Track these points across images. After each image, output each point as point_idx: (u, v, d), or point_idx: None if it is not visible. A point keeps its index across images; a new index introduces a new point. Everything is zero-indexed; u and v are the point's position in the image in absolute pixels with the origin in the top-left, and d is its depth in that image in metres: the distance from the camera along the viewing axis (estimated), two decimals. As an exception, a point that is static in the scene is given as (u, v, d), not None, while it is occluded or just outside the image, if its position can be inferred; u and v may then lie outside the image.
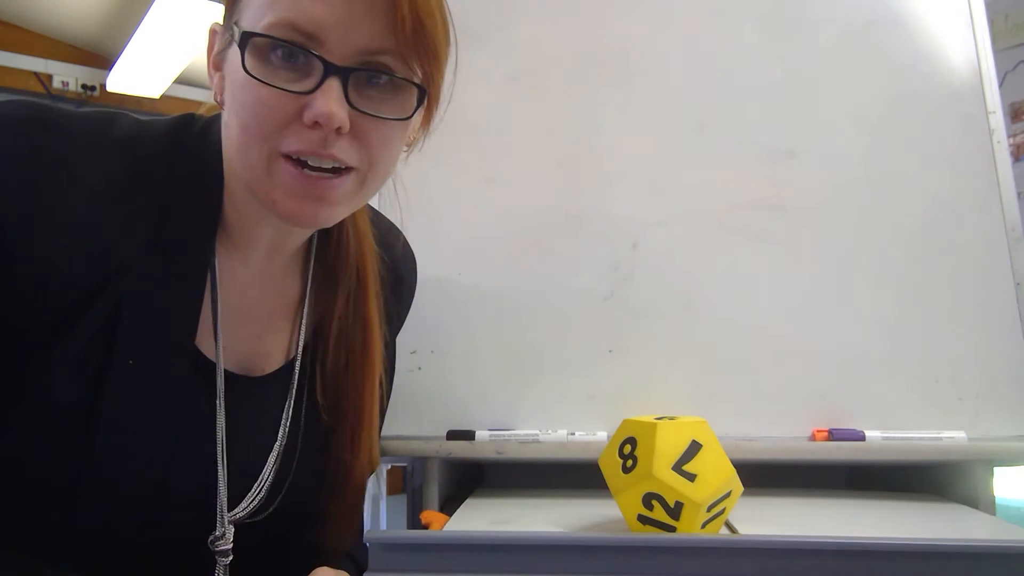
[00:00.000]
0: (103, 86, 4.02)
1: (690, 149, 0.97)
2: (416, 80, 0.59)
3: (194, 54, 3.53)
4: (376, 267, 0.75)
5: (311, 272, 0.73)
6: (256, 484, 0.68)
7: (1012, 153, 1.42)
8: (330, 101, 0.54)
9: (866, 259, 0.93)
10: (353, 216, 0.73)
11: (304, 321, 0.72)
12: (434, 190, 0.98)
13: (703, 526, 0.63)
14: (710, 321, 0.92)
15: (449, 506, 0.87)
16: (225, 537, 0.65)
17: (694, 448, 0.62)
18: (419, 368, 0.92)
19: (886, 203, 0.94)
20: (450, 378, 0.92)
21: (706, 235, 0.94)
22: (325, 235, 0.73)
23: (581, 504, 0.83)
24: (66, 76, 4.01)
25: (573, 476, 0.97)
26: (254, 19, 0.56)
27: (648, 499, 0.62)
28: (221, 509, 0.65)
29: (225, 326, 0.66)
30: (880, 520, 0.79)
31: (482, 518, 0.78)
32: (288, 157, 0.57)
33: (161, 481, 0.62)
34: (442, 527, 0.73)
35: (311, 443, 0.71)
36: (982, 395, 0.88)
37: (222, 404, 0.65)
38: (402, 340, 0.88)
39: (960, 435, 0.86)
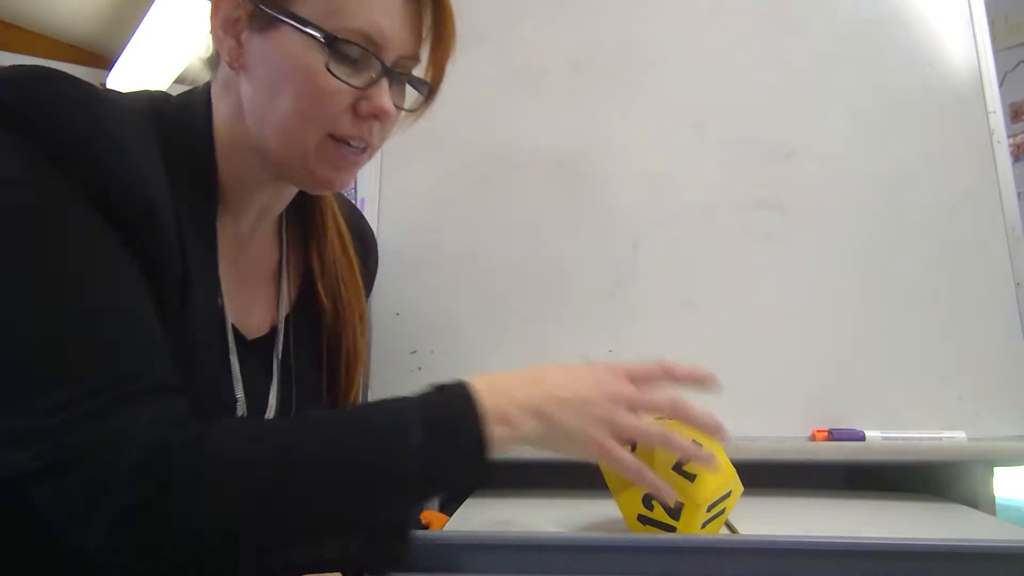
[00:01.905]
0: (103, 86, 4.01)
1: (690, 149, 0.97)
2: (428, 80, 0.68)
3: (194, 54, 3.53)
4: (344, 226, 0.80)
5: (284, 239, 0.77)
6: None
7: (1012, 153, 1.42)
8: (383, 98, 0.63)
9: (866, 259, 0.93)
10: None
11: (287, 283, 0.75)
12: (434, 191, 0.98)
13: (703, 526, 0.63)
14: (710, 321, 0.92)
15: (449, 506, 0.87)
16: None
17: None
18: (419, 368, 0.92)
19: (886, 203, 0.94)
20: (450, 378, 0.92)
21: (706, 235, 0.94)
22: (296, 204, 0.76)
23: (581, 504, 0.82)
24: (66, 76, 4.00)
25: (573, 476, 0.97)
26: (320, 15, 0.60)
27: (648, 499, 0.62)
28: None
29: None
30: (880, 520, 0.79)
31: (482, 518, 0.78)
32: (332, 137, 0.64)
33: None
34: (442, 527, 0.74)
35: (305, 398, 0.74)
36: (982, 395, 0.88)
37: (235, 360, 0.67)
38: (402, 340, 0.88)
39: (960, 435, 0.86)
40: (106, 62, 3.93)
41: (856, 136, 0.96)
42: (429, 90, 0.68)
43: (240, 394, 0.66)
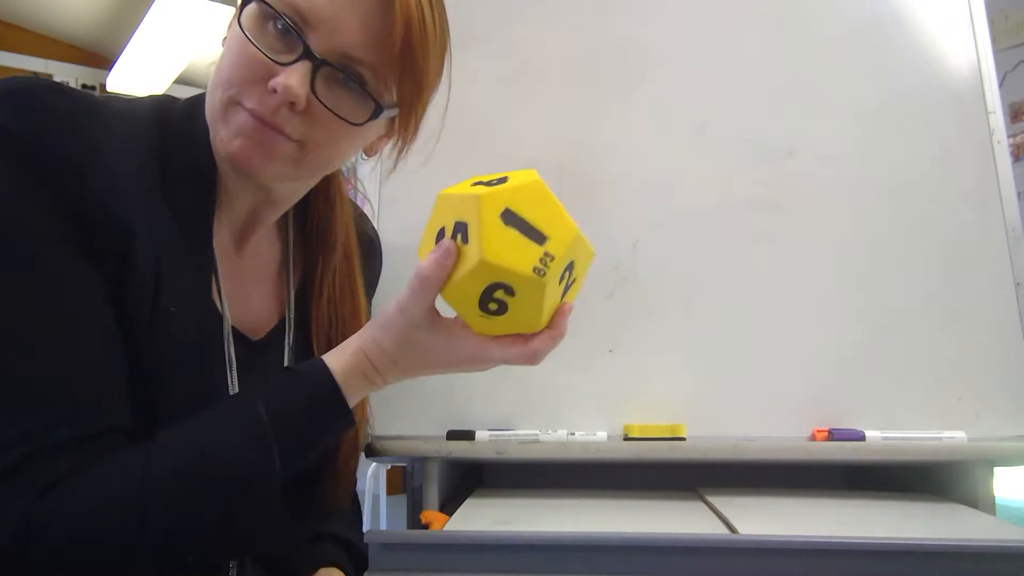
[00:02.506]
0: (103, 86, 4.01)
1: (690, 149, 0.97)
2: (386, 99, 0.63)
3: (194, 54, 3.52)
4: (353, 231, 0.79)
5: (290, 238, 0.76)
6: None
7: (1012, 153, 1.42)
8: (292, 76, 0.58)
9: (865, 259, 0.93)
10: (336, 183, 0.78)
11: (290, 283, 0.75)
12: (434, 190, 0.98)
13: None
14: (710, 321, 0.92)
15: (449, 506, 0.87)
16: None
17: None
18: (419, 368, 0.92)
19: (886, 203, 0.94)
20: (450, 378, 0.91)
21: (706, 235, 0.94)
22: (303, 204, 0.76)
23: (581, 504, 0.83)
24: (66, 76, 4.00)
25: (573, 476, 0.97)
26: None
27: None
28: None
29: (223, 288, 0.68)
30: (880, 520, 0.79)
31: (482, 518, 0.78)
32: (244, 108, 0.61)
33: None
34: (442, 527, 0.74)
35: None
36: (982, 395, 0.88)
37: (234, 360, 0.67)
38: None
39: (960, 435, 0.86)
40: (106, 62, 3.93)
41: (856, 136, 0.96)
42: (378, 111, 0.63)
43: (236, 390, 0.66)
